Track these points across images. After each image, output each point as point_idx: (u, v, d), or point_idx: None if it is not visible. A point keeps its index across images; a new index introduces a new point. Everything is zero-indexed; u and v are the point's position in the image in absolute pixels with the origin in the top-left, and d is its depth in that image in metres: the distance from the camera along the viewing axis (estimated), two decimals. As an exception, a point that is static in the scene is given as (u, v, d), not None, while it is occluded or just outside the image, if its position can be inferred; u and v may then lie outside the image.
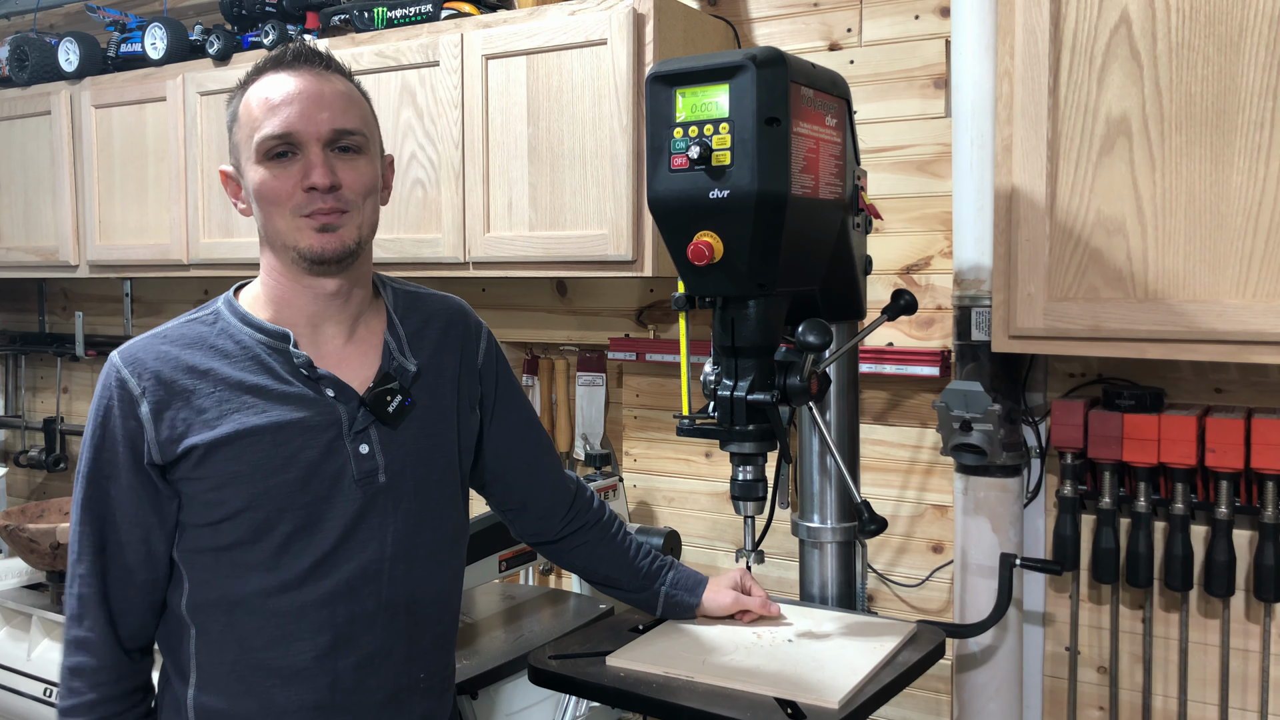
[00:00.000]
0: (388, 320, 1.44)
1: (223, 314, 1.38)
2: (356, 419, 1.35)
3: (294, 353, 1.34)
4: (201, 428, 1.30)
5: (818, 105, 1.53)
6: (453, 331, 1.49)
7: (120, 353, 1.35)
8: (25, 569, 2.77)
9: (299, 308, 1.37)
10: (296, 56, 1.35)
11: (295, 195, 1.31)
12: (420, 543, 1.40)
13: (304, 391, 1.34)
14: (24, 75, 3.32)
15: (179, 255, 3.00)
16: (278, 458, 1.31)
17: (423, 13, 2.61)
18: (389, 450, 1.37)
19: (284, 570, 1.32)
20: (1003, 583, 1.87)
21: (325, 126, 1.31)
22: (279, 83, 1.33)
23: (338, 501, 1.34)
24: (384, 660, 1.38)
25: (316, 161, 1.31)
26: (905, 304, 1.78)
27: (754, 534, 1.65)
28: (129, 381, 1.31)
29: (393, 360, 1.40)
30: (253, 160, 1.32)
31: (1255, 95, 1.63)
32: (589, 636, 1.65)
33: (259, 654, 1.33)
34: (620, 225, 2.27)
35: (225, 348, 1.34)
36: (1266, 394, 2.01)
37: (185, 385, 1.31)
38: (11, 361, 4.10)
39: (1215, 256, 1.67)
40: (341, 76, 1.38)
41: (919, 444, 2.39)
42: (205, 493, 1.31)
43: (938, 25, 2.29)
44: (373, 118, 1.41)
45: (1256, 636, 2.02)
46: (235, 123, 1.36)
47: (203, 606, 1.34)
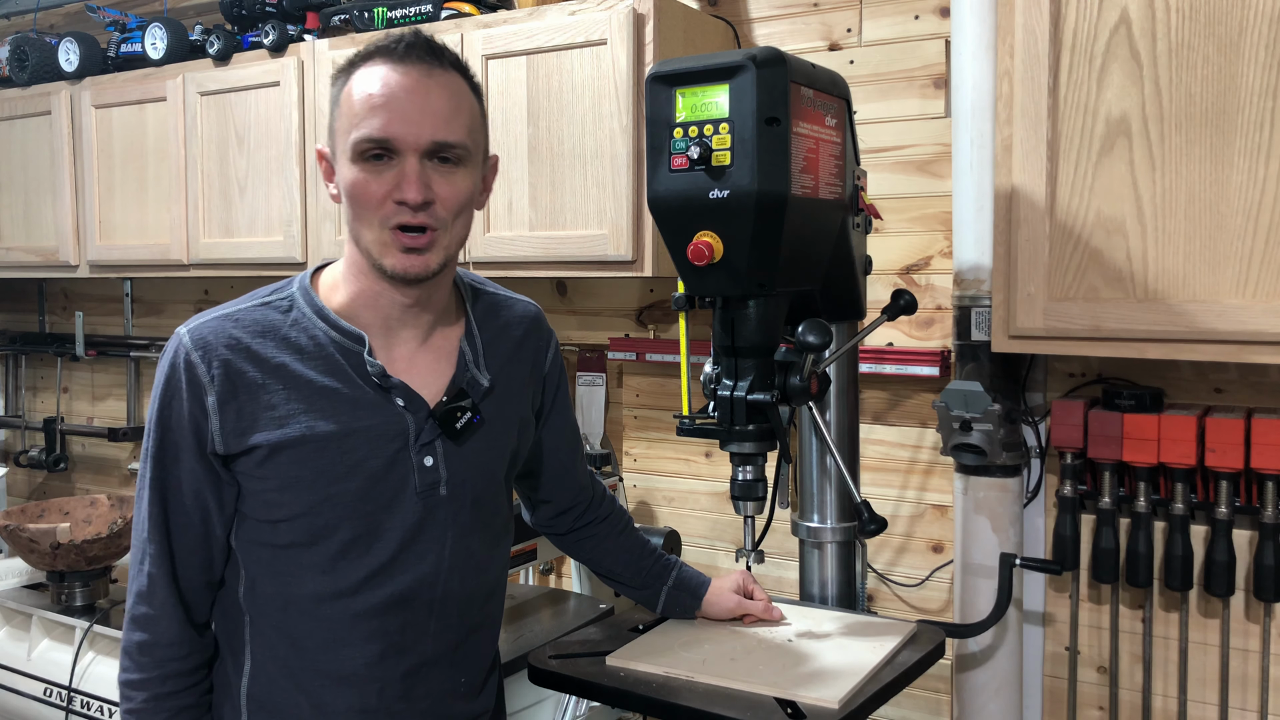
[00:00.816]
0: (466, 327, 1.41)
1: (298, 302, 1.33)
2: (424, 431, 1.33)
3: (368, 361, 1.31)
4: (269, 425, 1.28)
5: (818, 105, 1.53)
6: (528, 343, 1.47)
7: (191, 332, 1.30)
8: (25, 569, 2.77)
9: (377, 308, 1.33)
10: (410, 49, 1.26)
11: (385, 204, 1.25)
12: (473, 551, 1.39)
13: (374, 398, 1.31)
14: (24, 75, 3.32)
15: (179, 255, 3.00)
16: (342, 465, 1.29)
17: (423, 13, 2.61)
18: (452, 463, 1.35)
19: (340, 577, 1.31)
20: (1003, 583, 1.87)
21: (426, 137, 1.25)
22: (384, 78, 1.25)
23: (398, 512, 1.32)
24: (431, 668, 1.37)
25: (412, 175, 1.24)
26: (905, 304, 1.78)
27: (754, 534, 1.65)
28: (198, 366, 1.28)
29: (466, 372, 1.37)
30: (348, 157, 1.26)
31: (1255, 95, 1.63)
32: (589, 636, 1.65)
33: (310, 655, 1.33)
34: (620, 225, 2.27)
35: (299, 341, 1.31)
36: (1266, 394, 2.01)
37: (254, 378, 1.28)
38: (11, 361, 4.10)
39: (1215, 256, 1.67)
40: (455, 73, 1.29)
41: (919, 444, 2.39)
42: (266, 492, 1.29)
43: (937, 25, 2.29)
44: (481, 119, 1.34)
45: (1256, 636, 2.02)
46: (336, 108, 1.29)
47: (258, 599, 1.34)
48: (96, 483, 3.92)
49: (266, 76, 2.80)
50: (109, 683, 2.42)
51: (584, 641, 1.62)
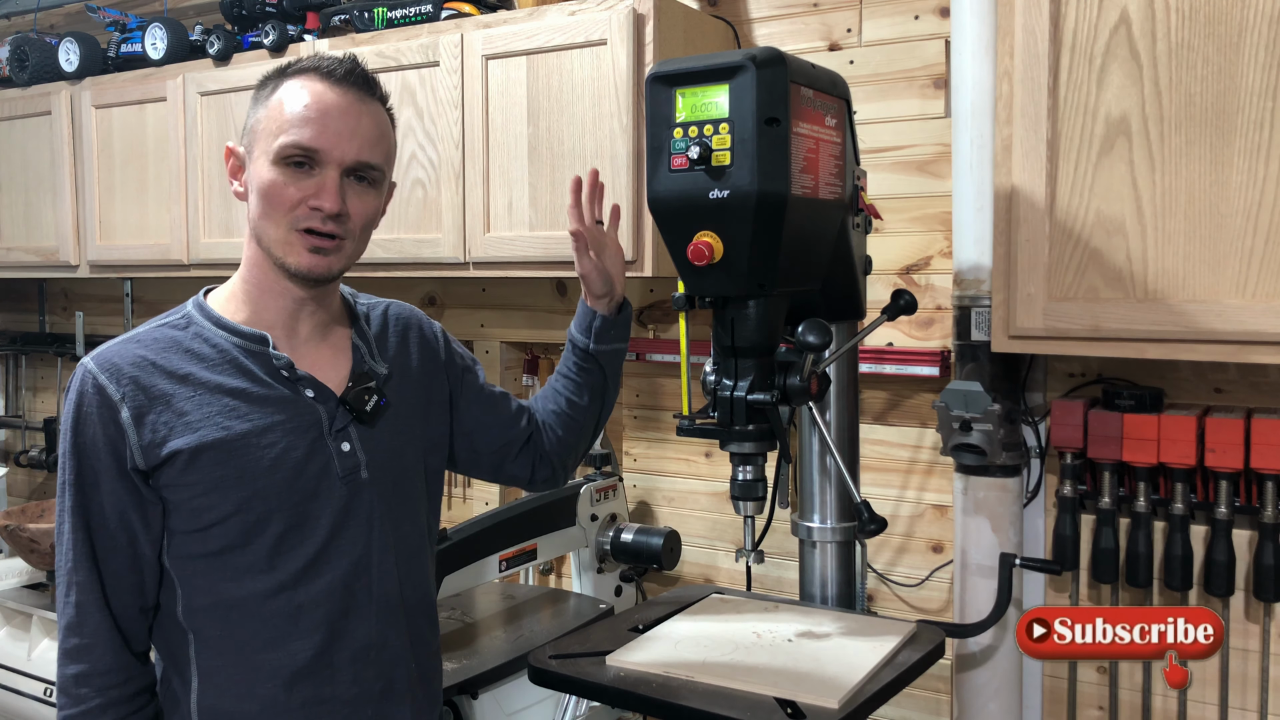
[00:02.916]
0: (354, 326, 1.47)
1: (194, 318, 1.38)
2: (336, 418, 1.38)
3: (274, 354, 1.35)
4: (185, 431, 1.30)
5: (818, 105, 1.53)
6: (410, 335, 1.53)
7: (94, 358, 1.33)
8: (25, 569, 2.77)
9: (276, 307, 1.38)
10: (347, 74, 1.34)
11: (299, 208, 1.31)
12: (403, 536, 1.43)
13: (283, 393, 1.35)
14: (24, 75, 3.32)
15: (179, 255, 3.00)
16: (265, 460, 1.32)
17: (423, 13, 2.61)
18: (368, 447, 1.39)
19: (279, 571, 1.33)
20: (1002, 583, 1.87)
21: (351, 155, 1.32)
22: (320, 93, 1.32)
23: (324, 498, 1.35)
24: (380, 652, 1.39)
25: (331, 186, 1.31)
26: (905, 304, 1.78)
27: (754, 534, 1.65)
28: (107, 388, 1.30)
29: (364, 363, 1.43)
30: (268, 158, 1.31)
31: (1255, 95, 1.63)
32: (589, 636, 1.65)
33: (258, 655, 1.33)
34: (620, 225, 2.27)
35: (201, 351, 1.34)
36: (1266, 394, 2.01)
37: (164, 389, 1.31)
38: (12, 361, 4.10)
39: (1215, 256, 1.67)
40: (381, 106, 1.39)
41: (919, 444, 2.39)
42: (192, 499, 1.30)
43: (937, 25, 2.29)
44: (394, 148, 1.42)
45: (1256, 636, 2.02)
46: (263, 109, 1.34)
47: (198, 612, 1.34)
48: (96, 483, 3.92)
49: (266, 76, 2.80)
50: (109, 683, 2.42)
51: (584, 641, 1.62)
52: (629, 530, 2.50)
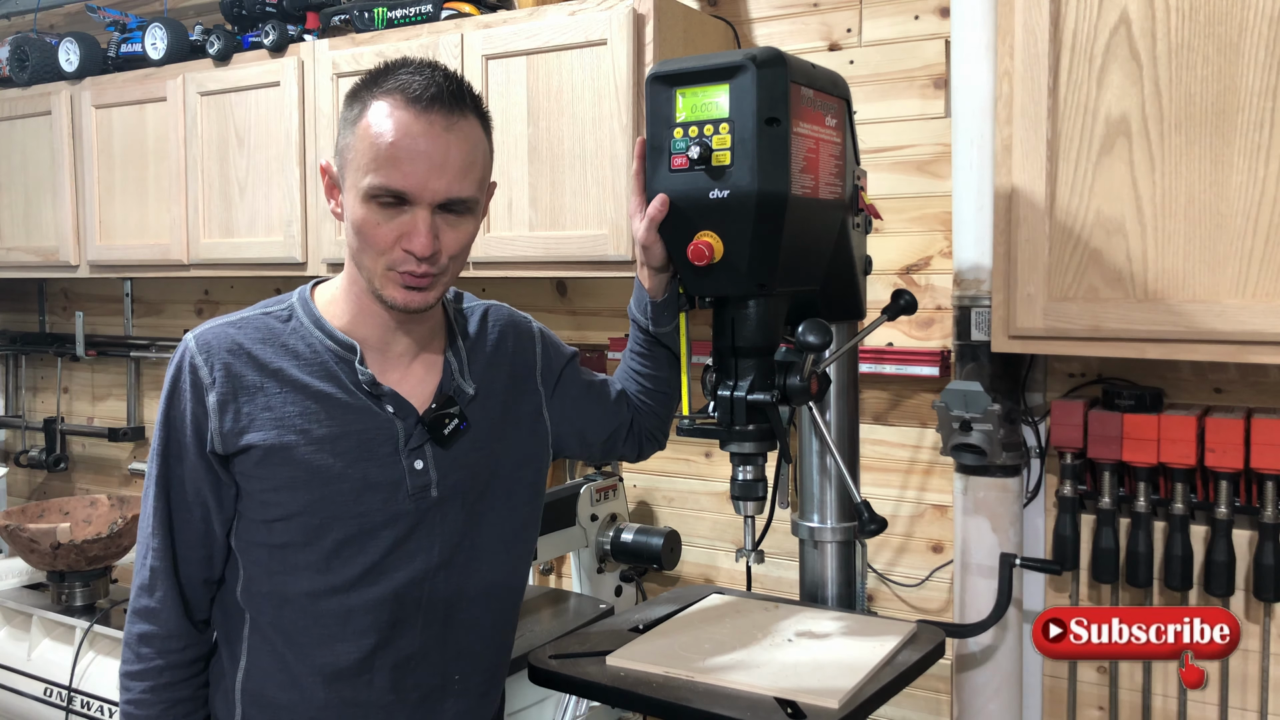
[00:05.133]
0: (449, 338, 1.46)
1: (297, 312, 1.40)
2: (413, 436, 1.38)
3: (359, 369, 1.36)
4: (264, 426, 1.33)
5: (818, 105, 1.53)
6: (505, 342, 1.52)
7: (196, 337, 1.37)
8: (25, 569, 2.77)
9: (372, 324, 1.39)
10: (434, 98, 1.27)
11: (393, 250, 1.29)
12: (465, 549, 1.43)
13: (365, 404, 1.36)
14: (24, 75, 3.32)
15: (179, 255, 3.00)
16: (335, 467, 1.33)
17: (423, 13, 2.61)
18: (442, 466, 1.39)
19: (334, 574, 1.35)
20: (1002, 583, 1.87)
21: (441, 194, 1.28)
22: (405, 125, 1.26)
23: (390, 513, 1.36)
24: (420, 662, 1.41)
25: (423, 227, 1.28)
26: (905, 304, 1.78)
27: (754, 534, 1.65)
28: (201, 368, 1.34)
29: (452, 381, 1.43)
30: (358, 195, 1.28)
31: (1255, 95, 1.63)
32: (589, 636, 1.65)
33: (305, 650, 1.36)
34: (620, 225, 2.27)
35: (296, 348, 1.36)
36: (1266, 394, 2.02)
37: (252, 380, 1.34)
38: (12, 361, 4.10)
39: (1215, 256, 1.67)
40: (474, 118, 1.32)
41: (919, 444, 2.39)
42: (262, 492, 1.34)
43: (937, 25, 2.29)
44: (490, 158, 1.37)
45: (1256, 636, 2.02)
46: (351, 134, 1.30)
47: (256, 596, 1.38)
48: (96, 483, 3.92)
49: (266, 77, 2.80)
50: (109, 683, 2.42)
51: (584, 641, 1.62)
52: (629, 530, 2.50)
